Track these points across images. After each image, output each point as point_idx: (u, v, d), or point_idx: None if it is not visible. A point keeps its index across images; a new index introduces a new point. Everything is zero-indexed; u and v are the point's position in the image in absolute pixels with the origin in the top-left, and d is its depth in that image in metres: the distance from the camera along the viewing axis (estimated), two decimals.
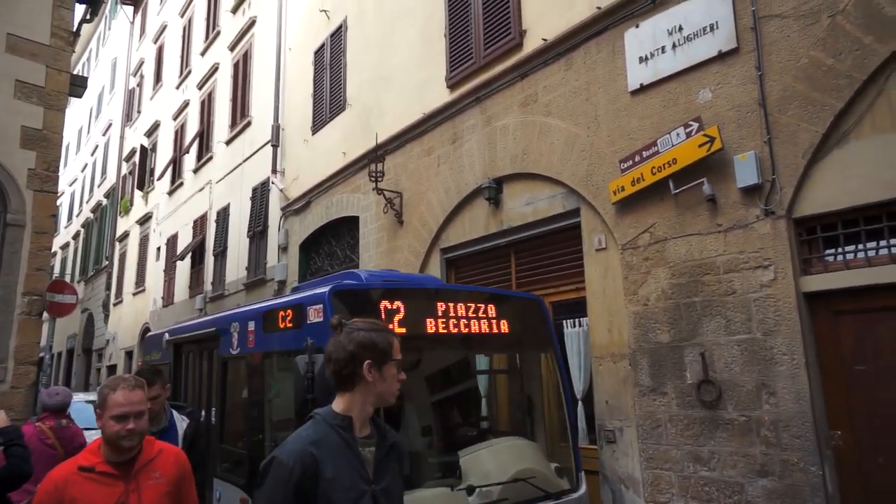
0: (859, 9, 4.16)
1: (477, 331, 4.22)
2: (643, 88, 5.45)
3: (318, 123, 10.58)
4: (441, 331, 4.01)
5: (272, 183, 11.67)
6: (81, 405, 8.64)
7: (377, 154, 8.14)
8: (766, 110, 4.56)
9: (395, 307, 3.80)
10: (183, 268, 15.70)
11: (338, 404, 1.80)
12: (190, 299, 14.89)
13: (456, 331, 4.08)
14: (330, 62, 10.42)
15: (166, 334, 6.67)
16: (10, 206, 7.05)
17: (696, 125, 4.95)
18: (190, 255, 15.08)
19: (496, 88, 6.98)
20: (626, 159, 5.45)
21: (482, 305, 4.29)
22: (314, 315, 3.73)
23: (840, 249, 4.30)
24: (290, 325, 4.10)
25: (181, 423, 3.87)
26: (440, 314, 4.04)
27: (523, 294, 5.31)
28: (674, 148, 5.07)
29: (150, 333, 7.84)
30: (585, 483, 4.41)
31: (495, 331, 4.34)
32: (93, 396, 10.85)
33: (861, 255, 4.20)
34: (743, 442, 4.47)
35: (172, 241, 16.70)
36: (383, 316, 3.73)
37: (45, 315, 7.89)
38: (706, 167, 4.85)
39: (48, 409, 4.61)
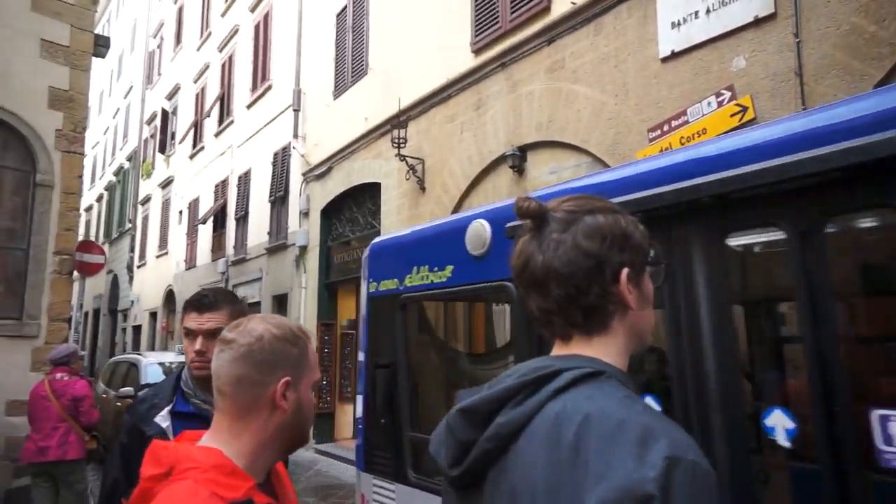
0: None
1: None
2: (675, 55, 5.34)
3: (339, 88, 10.52)
4: None
5: (293, 148, 11.68)
6: (154, 368, 8.39)
7: (400, 120, 8.09)
8: (802, 79, 4.45)
9: None
10: (205, 231, 15.89)
11: (602, 355, 0.90)
12: (212, 262, 15.10)
13: None
14: (352, 25, 10.30)
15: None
16: (39, 167, 7.14)
17: (728, 94, 4.85)
18: (212, 218, 15.24)
19: (522, 54, 6.87)
20: (655, 128, 5.37)
21: None
22: None
23: None
24: None
25: None
26: None
27: None
28: (704, 118, 4.99)
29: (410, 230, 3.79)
30: None
31: None
32: (166, 356, 9.49)
33: None
34: None
35: (194, 205, 16.87)
36: None
37: (76, 274, 8.06)
38: None
39: (51, 362, 5.32)
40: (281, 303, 11.90)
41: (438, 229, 3.43)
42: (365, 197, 9.82)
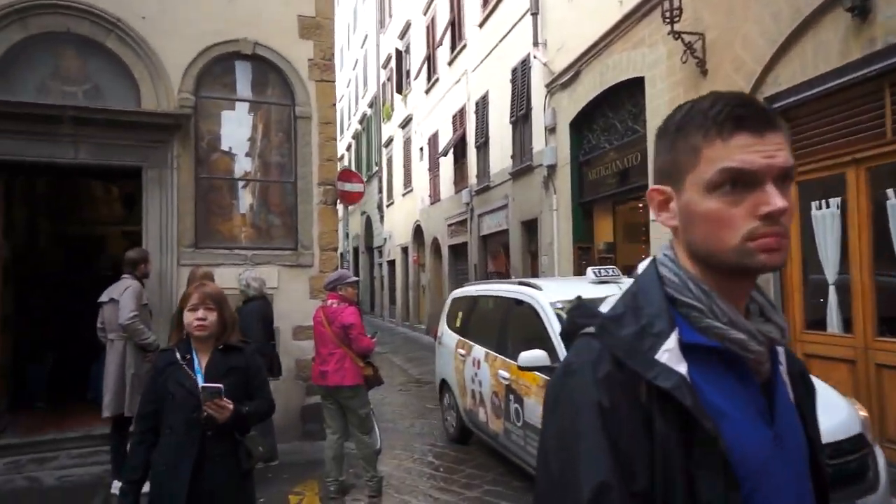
0: None
1: None
2: None
3: None
4: None
5: (533, 58, 10.64)
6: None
7: None
8: None
9: None
10: (446, 164, 15.85)
11: None
12: (456, 195, 15.03)
13: None
14: None
15: None
16: (297, 99, 7.16)
17: None
18: (452, 150, 15.07)
19: None
20: None
21: None
22: None
23: None
24: None
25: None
26: None
27: None
28: None
29: None
30: None
31: None
32: (571, 286, 5.31)
33: None
34: None
35: (434, 140, 16.93)
36: None
37: (339, 206, 8.15)
38: None
39: (325, 288, 5.39)
40: (530, 228, 11.22)
41: None
42: (623, 98, 8.45)
